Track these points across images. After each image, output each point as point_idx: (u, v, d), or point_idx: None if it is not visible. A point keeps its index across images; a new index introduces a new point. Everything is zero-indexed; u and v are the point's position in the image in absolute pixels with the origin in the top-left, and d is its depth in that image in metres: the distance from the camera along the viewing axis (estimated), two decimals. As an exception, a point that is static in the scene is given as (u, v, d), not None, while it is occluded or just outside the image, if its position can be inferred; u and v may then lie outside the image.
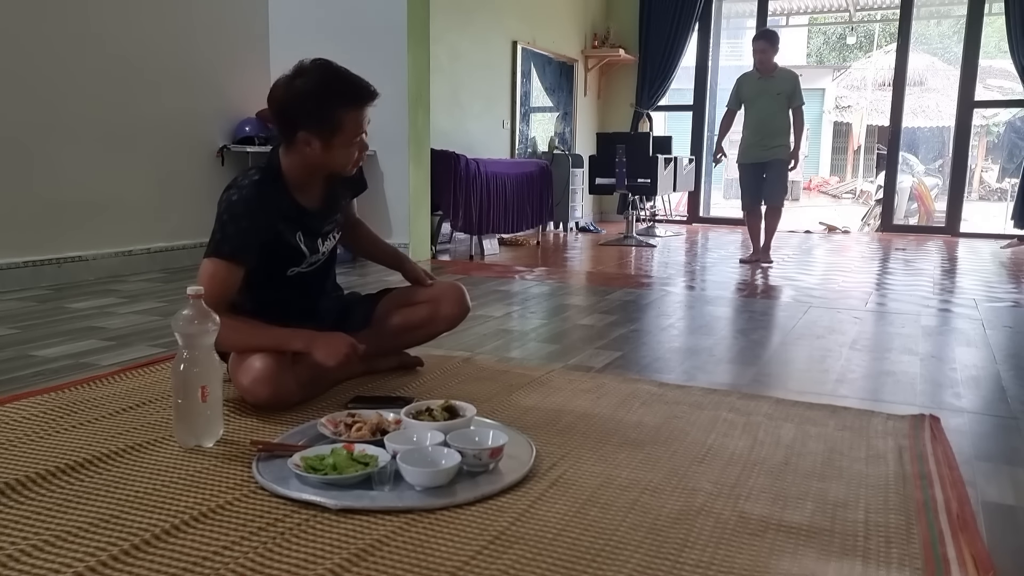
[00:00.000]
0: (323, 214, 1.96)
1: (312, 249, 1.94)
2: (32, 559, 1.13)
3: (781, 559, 1.18)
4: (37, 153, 3.64)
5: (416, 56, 4.80)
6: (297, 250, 1.91)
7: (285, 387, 1.77)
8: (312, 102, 1.73)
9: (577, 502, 1.35)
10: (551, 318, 3.22)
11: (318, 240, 1.96)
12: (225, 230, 1.76)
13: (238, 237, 1.75)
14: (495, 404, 1.90)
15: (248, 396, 1.78)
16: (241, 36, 4.75)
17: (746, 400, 1.99)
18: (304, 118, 1.74)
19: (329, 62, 1.79)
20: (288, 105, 1.75)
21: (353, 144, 1.81)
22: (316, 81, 1.74)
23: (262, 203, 1.78)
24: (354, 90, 1.76)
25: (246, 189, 1.79)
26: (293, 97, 1.74)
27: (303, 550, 1.17)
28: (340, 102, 1.74)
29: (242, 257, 1.77)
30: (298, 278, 1.96)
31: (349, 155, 1.82)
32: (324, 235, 1.98)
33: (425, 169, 5.01)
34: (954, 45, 12.29)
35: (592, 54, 8.31)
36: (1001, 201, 11.06)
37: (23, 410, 1.78)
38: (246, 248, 1.77)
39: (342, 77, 1.77)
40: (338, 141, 1.77)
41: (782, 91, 5.22)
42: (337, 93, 1.74)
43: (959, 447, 1.70)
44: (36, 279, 3.61)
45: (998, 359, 2.58)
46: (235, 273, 1.77)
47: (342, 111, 1.75)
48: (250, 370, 1.75)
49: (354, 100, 1.76)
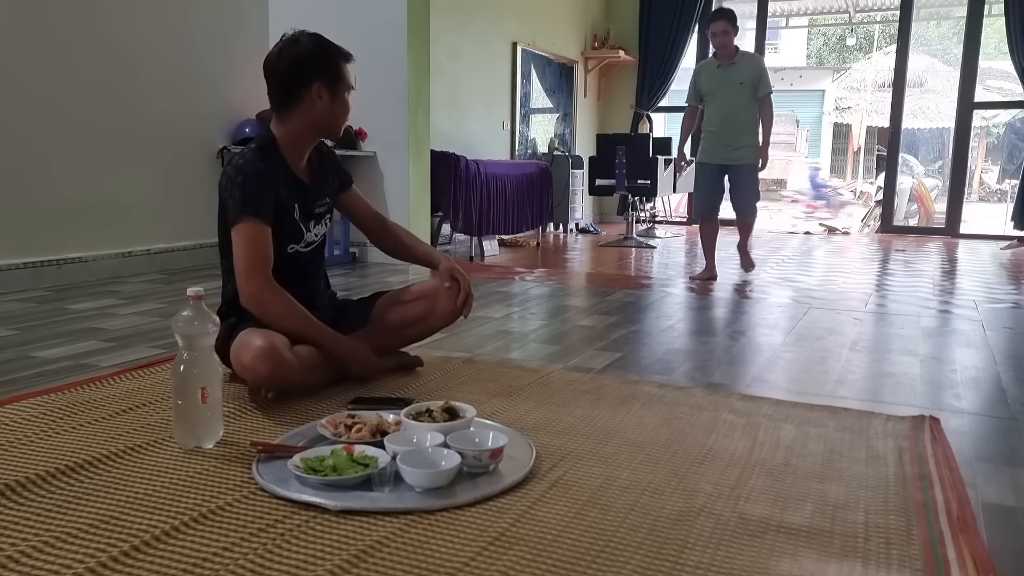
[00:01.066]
0: (315, 192, 2.03)
1: (307, 227, 2.01)
2: (32, 560, 1.13)
3: (781, 560, 1.18)
4: (37, 154, 3.64)
5: (416, 57, 4.80)
6: (295, 224, 1.97)
7: (286, 364, 1.78)
8: (322, 54, 1.92)
9: (577, 503, 1.35)
10: (551, 319, 3.22)
11: (311, 220, 2.03)
12: (244, 190, 1.84)
13: (257, 194, 1.85)
14: (495, 405, 1.90)
15: (248, 374, 1.79)
16: (241, 37, 4.75)
17: (746, 401, 1.99)
18: (317, 70, 1.90)
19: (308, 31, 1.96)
20: (302, 61, 1.90)
21: (347, 97, 1.97)
22: (316, 41, 1.93)
23: (264, 167, 1.89)
24: (342, 48, 1.98)
25: (249, 154, 1.91)
26: (304, 54, 1.90)
27: (303, 551, 1.17)
28: (340, 55, 1.95)
29: (266, 213, 1.86)
30: (296, 258, 2.01)
31: (347, 107, 1.97)
32: (316, 216, 2.05)
33: (425, 170, 5.01)
34: (954, 46, 12.30)
35: (592, 55, 8.31)
36: (1001, 202, 11.06)
37: (23, 411, 1.78)
38: (266, 204, 1.86)
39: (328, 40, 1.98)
40: (341, 89, 1.94)
41: (746, 79, 4.42)
42: (336, 49, 1.95)
43: (959, 448, 1.70)
44: (36, 280, 3.61)
45: (998, 360, 2.58)
46: (267, 233, 1.86)
47: (342, 62, 1.95)
48: (250, 348, 1.77)
49: (347, 55, 1.97)
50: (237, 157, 1.92)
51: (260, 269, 1.82)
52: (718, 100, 4.48)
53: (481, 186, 5.46)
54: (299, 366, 1.83)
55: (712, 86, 4.51)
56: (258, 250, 1.83)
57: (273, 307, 1.84)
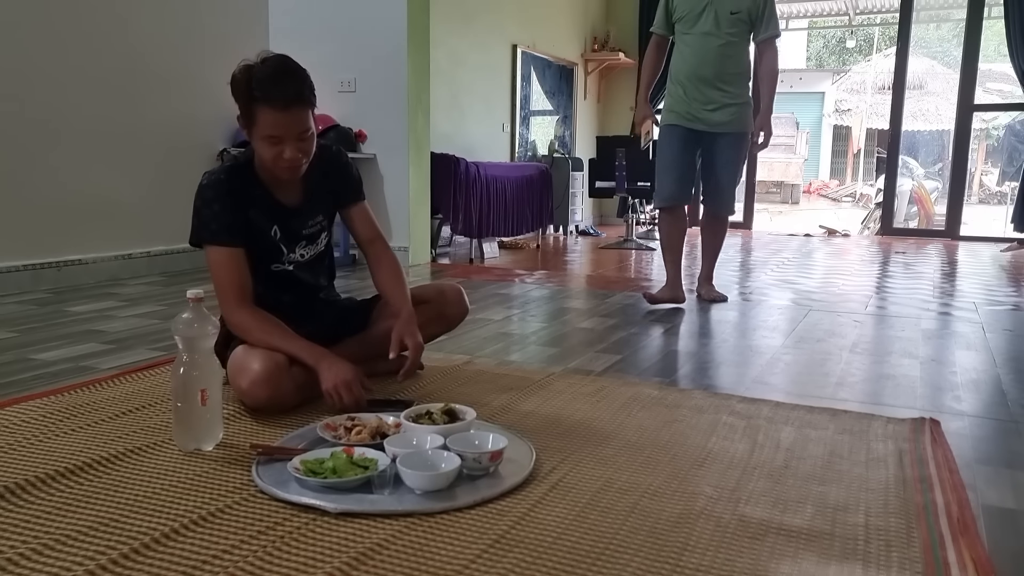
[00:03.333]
0: (302, 213, 1.93)
1: (289, 248, 1.94)
2: (31, 563, 1.13)
3: (781, 563, 1.18)
4: (37, 157, 3.64)
5: (416, 59, 4.81)
6: (275, 246, 1.91)
7: (283, 389, 1.77)
8: (238, 89, 1.73)
9: (577, 506, 1.35)
10: (551, 321, 3.22)
11: (298, 242, 1.95)
12: (200, 216, 1.81)
13: (214, 220, 1.80)
14: (495, 407, 1.90)
15: (246, 399, 1.78)
16: (241, 40, 4.75)
17: (746, 404, 1.99)
18: (237, 100, 1.75)
19: (286, 59, 1.76)
20: (232, 84, 1.75)
21: (270, 145, 1.74)
22: (254, 71, 1.71)
23: (231, 187, 1.82)
24: (269, 90, 1.69)
25: (215, 175, 1.84)
26: (235, 78, 1.74)
27: (302, 554, 1.17)
28: (257, 96, 1.70)
29: (226, 237, 1.80)
30: (285, 275, 1.96)
31: (272, 155, 1.75)
32: (306, 237, 1.96)
33: (425, 172, 5.02)
34: (954, 48, 12.31)
35: (592, 57, 8.32)
36: (1001, 205, 11.07)
37: (23, 414, 1.78)
38: (227, 228, 1.80)
39: (273, 74, 1.71)
40: (255, 135, 1.75)
41: (741, 8, 3.15)
42: (257, 87, 1.69)
43: (959, 451, 1.70)
44: (36, 283, 3.61)
45: (998, 362, 2.57)
46: (234, 255, 1.81)
47: (257, 106, 1.71)
48: (248, 372, 1.75)
49: (266, 99, 1.69)
50: (205, 176, 1.84)
51: (226, 294, 1.79)
52: (695, 33, 3.16)
53: (481, 188, 5.47)
54: (295, 389, 1.81)
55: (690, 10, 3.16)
56: (222, 275, 1.80)
57: (244, 332, 1.79)
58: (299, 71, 1.76)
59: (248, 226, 1.85)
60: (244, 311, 1.80)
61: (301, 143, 1.76)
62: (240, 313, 1.80)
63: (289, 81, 1.72)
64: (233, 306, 1.80)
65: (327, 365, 1.77)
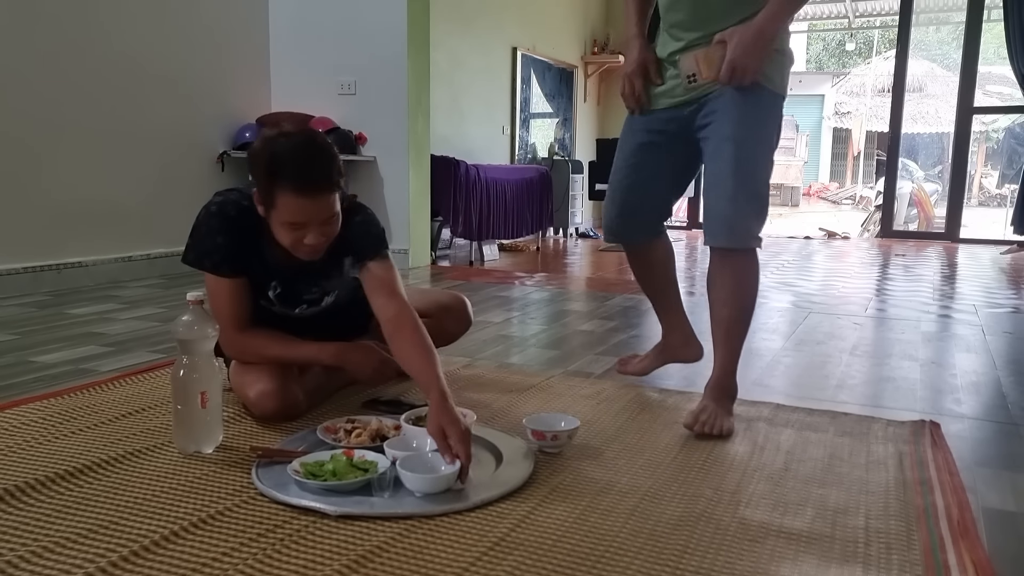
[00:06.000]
0: (304, 279, 1.79)
1: (288, 307, 1.82)
2: (31, 565, 1.13)
3: (781, 565, 1.18)
4: (37, 159, 3.64)
5: (416, 62, 4.81)
6: (269, 301, 1.81)
7: (292, 399, 1.76)
8: (259, 168, 1.55)
9: (577, 508, 1.35)
10: (551, 324, 3.22)
11: (298, 305, 1.83)
12: (203, 242, 1.70)
13: (217, 251, 1.69)
14: (495, 410, 1.90)
15: (255, 409, 1.76)
16: (241, 42, 4.76)
17: (746, 406, 1.98)
18: (255, 178, 1.58)
19: (314, 135, 1.61)
20: (249, 158, 1.63)
21: (291, 230, 1.58)
22: (277, 148, 1.54)
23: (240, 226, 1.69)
24: (294, 174, 1.52)
25: (227, 206, 1.69)
26: (253, 152, 1.58)
27: (302, 556, 1.17)
28: (280, 181, 1.53)
29: (228, 270, 1.71)
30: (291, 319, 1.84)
31: (286, 238, 1.60)
32: (306, 301, 1.83)
33: (425, 175, 5.02)
34: (953, 51, 12.32)
35: (592, 60, 8.33)
36: (1001, 207, 11.06)
37: (22, 416, 1.78)
38: (229, 261, 1.70)
39: (299, 156, 1.53)
40: (274, 218, 1.59)
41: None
42: (281, 170, 1.52)
43: (959, 453, 1.70)
44: (36, 285, 3.61)
45: (998, 365, 2.57)
46: (234, 286, 1.72)
47: (279, 190, 1.53)
48: (256, 383, 1.73)
49: (290, 184, 1.52)
50: (216, 204, 1.70)
51: (224, 323, 1.70)
52: None
53: (481, 191, 5.47)
54: (304, 398, 1.79)
55: None
56: (221, 305, 1.72)
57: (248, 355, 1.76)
58: (327, 151, 1.58)
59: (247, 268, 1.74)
60: (243, 336, 1.74)
61: (324, 227, 1.60)
62: (240, 339, 1.75)
63: (316, 165, 1.55)
64: (229, 334, 1.73)
65: (350, 358, 1.76)
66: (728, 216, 1.79)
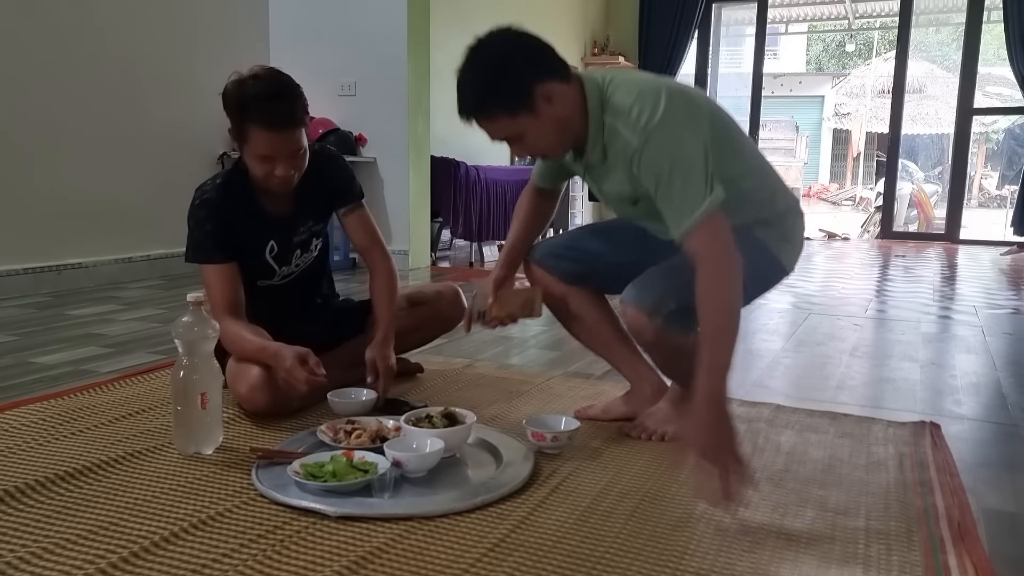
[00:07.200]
0: (293, 222, 1.91)
1: (283, 261, 1.93)
2: (31, 566, 1.13)
3: (782, 567, 1.17)
4: (37, 159, 3.64)
5: (416, 63, 4.81)
6: (266, 264, 1.90)
7: (283, 394, 1.77)
8: (230, 105, 1.71)
9: (577, 509, 1.35)
10: (551, 325, 3.21)
11: (291, 252, 1.93)
12: (194, 236, 1.82)
13: (208, 239, 1.80)
14: (495, 411, 1.90)
15: (246, 404, 1.77)
16: (241, 42, 4.76)
17: (746, 407, 1.98)
18: (229, 116, 1.73)
19: (278, 75, 1.74)
20: (223, 98, 1.74)
21: (262, 163, 1.73)
22: (245, 87, 1.69)
23: (223, 206, 1.82)
24: (262, 110, 1.67)
25: (207, 193, 1.84)
26: (226, 94, 1.72)
27: (302, 557, 1.17)
28: (249, 115, 1.68)
29: (220, 256, 1.81)
30: (271, 290, 1.95)
31: (259, 170, 1.74)
32: (298, 245, 1.94)
33: (425, 176, 5.02)
34: (953, 52, 12.33)
35: (592, 61, 8.32)
36: (1000, 208, 11.07)
37: (23, 417, 1.78)
38: (220, 246, 1.80)
39: (266, 93, 1.68)
40: (247, 152, 1.74)
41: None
42: (250, 106, 1.68)
43: (959, 454, 1.70)
44: (36, 286, 3.61)
45: (998, 366, 2.57)
46: (225, 272, 1.81)
47: (249, 125, 1.69)
48: (247, 378, 1.74)
49: (258, 119, 1.68)
50: (197, 195, 1.84)
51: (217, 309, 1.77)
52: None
53: (481, 192, 5.47)
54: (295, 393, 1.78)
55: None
56: (215, 292, 1.80)
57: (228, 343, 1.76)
58: (292, 89, 1.73)
59: (242, 246, 1.84)
60: (228, 323, 1.75)
61: (293, 160, 1.74)
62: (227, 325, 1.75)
63: (282, 102, 1.69)
64: (220, 317, 1.74)
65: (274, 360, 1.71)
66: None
